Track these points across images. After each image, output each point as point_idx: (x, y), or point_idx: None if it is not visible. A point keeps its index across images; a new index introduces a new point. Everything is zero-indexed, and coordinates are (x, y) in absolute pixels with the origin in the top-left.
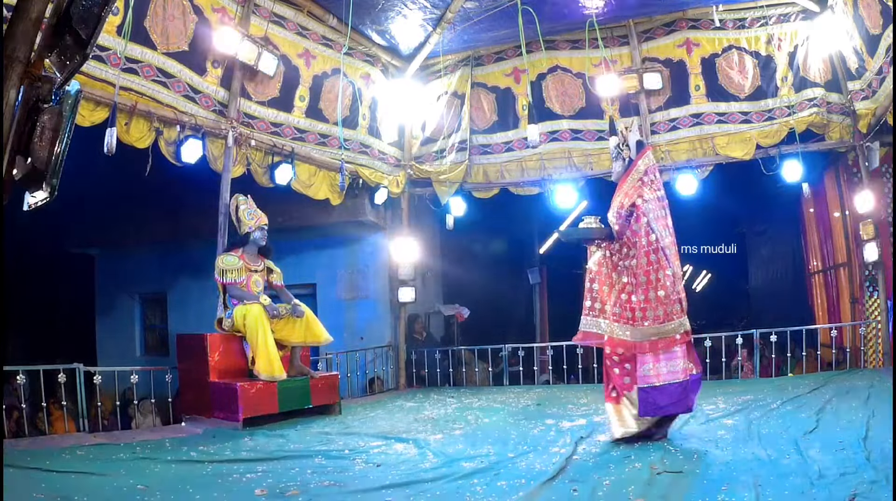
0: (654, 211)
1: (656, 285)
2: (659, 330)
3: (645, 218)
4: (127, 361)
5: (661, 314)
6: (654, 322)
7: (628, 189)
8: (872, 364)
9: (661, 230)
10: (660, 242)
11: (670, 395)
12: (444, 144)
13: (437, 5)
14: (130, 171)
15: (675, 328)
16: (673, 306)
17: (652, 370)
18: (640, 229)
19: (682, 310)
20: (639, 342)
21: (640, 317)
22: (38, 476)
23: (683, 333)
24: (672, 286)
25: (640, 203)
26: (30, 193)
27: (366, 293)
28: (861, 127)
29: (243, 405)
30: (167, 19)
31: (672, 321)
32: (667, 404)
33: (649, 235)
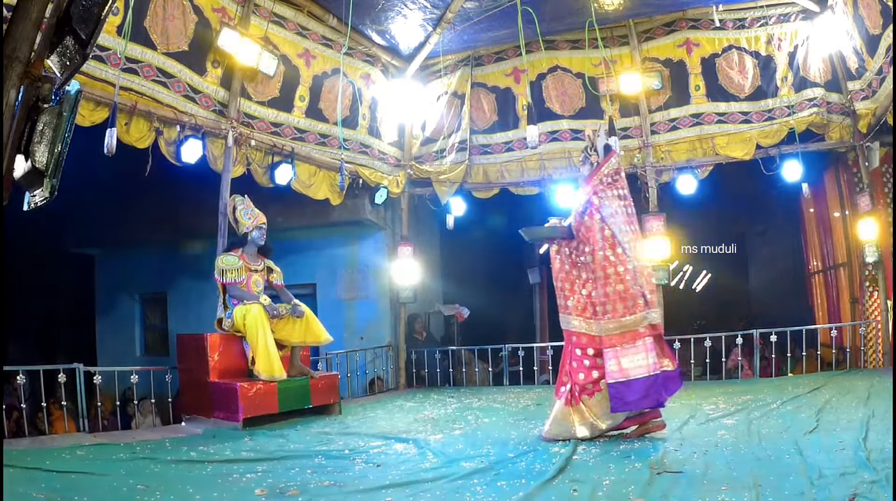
0: (611, 208)
1: (614, 279)
2: (620, 324)
3: (599, 214)
4: (127, 361)
5: (621, 309)
6: (613, 316)
7: (586, 188)
8: (872, 364)
9: (619, 226)
10: (616, 237)
11: (638, 390)
12: (444, 144)
13: (437, 5)
14: (130, 171)
15: (638, 321)
16: (634, 299)
17: (616, 365)
18: (594, 225)
19: (646, 304)
20: (604, 336)
21: (600, 312)
22: (38, 476)
23: (648, 326)
24: (633, 281)
25: (595, 201)
26: (30, 193)
27: (366, 293)
28: (861, 127)
29: (243, 405)
30: (167, 19)
31: (633, 315)
32: (635, 399)
33: (604, 230)
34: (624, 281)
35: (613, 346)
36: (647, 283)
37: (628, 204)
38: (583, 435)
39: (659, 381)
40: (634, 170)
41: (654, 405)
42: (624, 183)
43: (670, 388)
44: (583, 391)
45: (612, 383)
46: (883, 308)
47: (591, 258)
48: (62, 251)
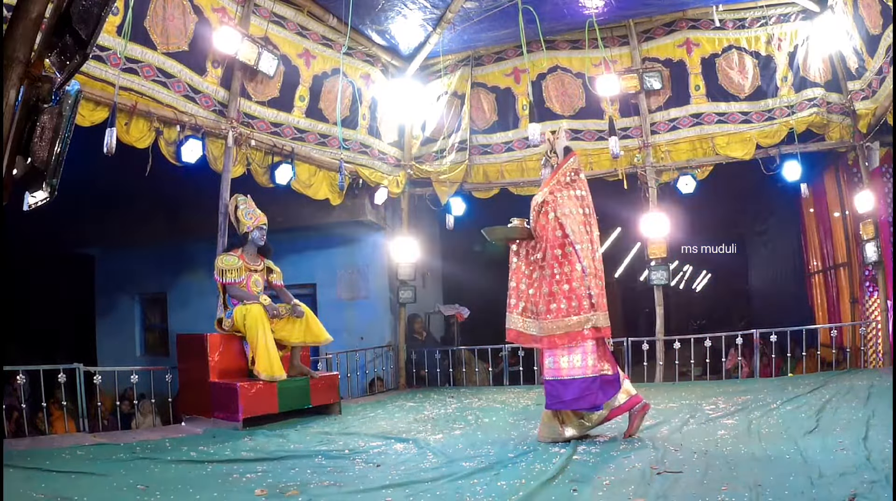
0: (566, 207)
1: (561, 278)
2: (564, 324)
3: (553, 213)
4: (127, 361)
5: (564, 308)
6: (557, 315)
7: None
8: (872, 364)
9: (573, 226)
10: (568, 237)
11: (574, 390)
12: (444, 144)
13: (437, 5)
14: (130, 171)
15: (581, 322)
16: (579, 300)
17: (555, 363)
18: (548, 223)
19: (591, 306)
20: (544, 337)
21: (543, 310)
22: (38, 476)
23: (592, 329)
24: (581, 281)
25: (550, 199)
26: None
27: (366, 293)
28: (861, 127)
29: (243, 405)
30: (167, 19)
31: (577, 316)
32: (571, 399)
33: (556, 230)
34: (571, 281)
35: (558, 346)
36: (595, 285)
37: (586, 204)
38: (570, 435)
39: (596, 384)
40: (634, 170)
41: (588, 407)
42: (583, 184)
43: (608, 392)
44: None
45: (548, 380)
46: (883, 308)
47: (541, 256)
48: (62, 251)
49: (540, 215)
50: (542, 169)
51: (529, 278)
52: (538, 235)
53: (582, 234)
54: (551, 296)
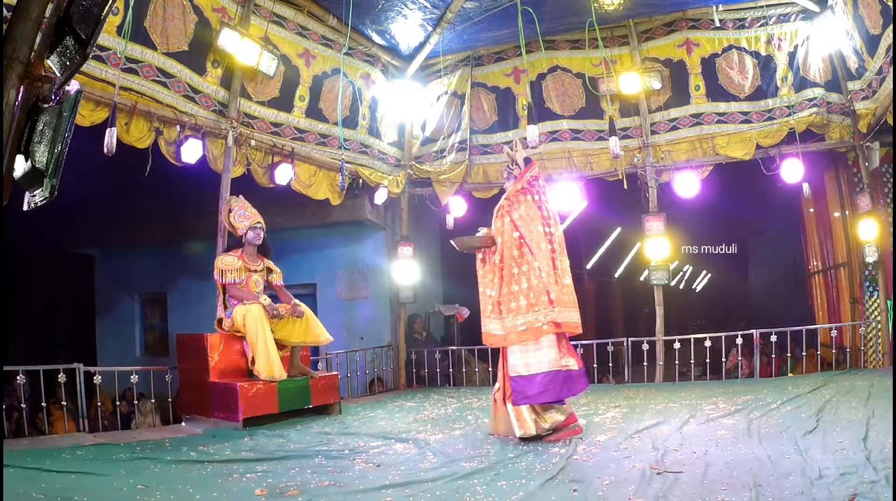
0: (521, 210)
1: (520, 277)
2: (523, 320)
3: (508, 216)
4: (127, 361)
5: (524, 305)
6: (517, 313)
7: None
8: (872, 364)
9: (529, 228)
10: (524, 238)
11: (538, 384)
12: (444, 144)
13: (437, 5)
14: (130, 171)
15: (540, 318)
16: (538, 297)
17: (519, 359)
18: (504, 226)
19: (550, 302)
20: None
21: (504, 310)
22: (38, 476)
23: (552, 323)
24: (538, 279)
25: (506, 204)
26: (30, 193)
27: (366, 293)
28: (861, 127)
29: (243, 405)
30: (167, 19)
31: (537, 312)
32: (535, 393)
33: (512, 232)
34: (529, 279)
35: (518, 342)
36: (554, 283)
37: (544, 207)
38: (521, 434)
39: (560, 378)
40: (634, 170)
41: (553, 400)
42: (541, 188)
43: (573, 387)
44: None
45: (513, 376)
46: (883, 308)
47: (499, 258)
48: (62, 251)
49: (496, 219)
50: (505, 181)
51: (491, 282)
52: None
53: (538, 234)
54: (511, 295)
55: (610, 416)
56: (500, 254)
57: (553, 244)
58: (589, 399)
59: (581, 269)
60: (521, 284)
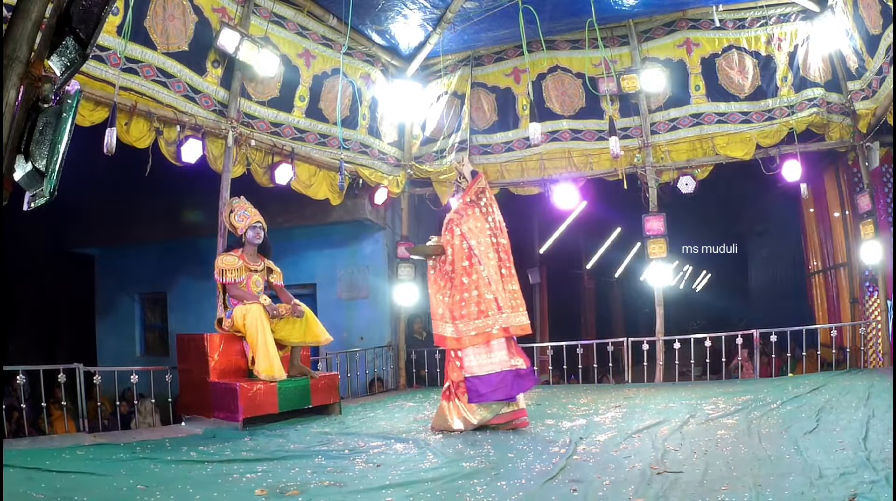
0: (470, 223)
1: (470, 285)
2: (475, 326)
3: (458, 229)
4: (127, 361)
5: (475, 312)
6: (468, 320)
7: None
8: (872, 364)
9: (477, 238)
10: (473, 250)
11: (490, 384)
12: (444, 144)
13: (437, 5)
14: (130, 171)
15: (490, 323)
16: (488, 304)
17: (473, 361)
18: (454, 238)
19: (499, 309)
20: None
21: (457, 316)
22: (38, 476)
23: (501, 329)
24: (487, 287)
25: (455, 217)
26: (30, 193)
27: (366, 293)
28: (861, 127)
29: (243, 405)
30: (167, 19)
31: (487, 318)
32: (487, 392)
33: (462, 243)
34: (478, 287)
35: (470, 346)
36: (502, 290)
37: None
38: (458, 428)
39: (510, 377)
40: (634, 170)
41: (504, 398)
42: (488, 200)
43: (524, 385)
44: (457, 389)
45: (468, 377)
46: (883, 308)
47: (451, 268)
48: (62, 251)
49: (446, 231)
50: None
51: (443, 289)
52: (446, 250)
53: (487, 246)
54: (462, 302)
55: (610, 416)
56: (452, 264)
57: (500, 253)
58: (589, 399)
59: (581, 269)
60: (471, 292)
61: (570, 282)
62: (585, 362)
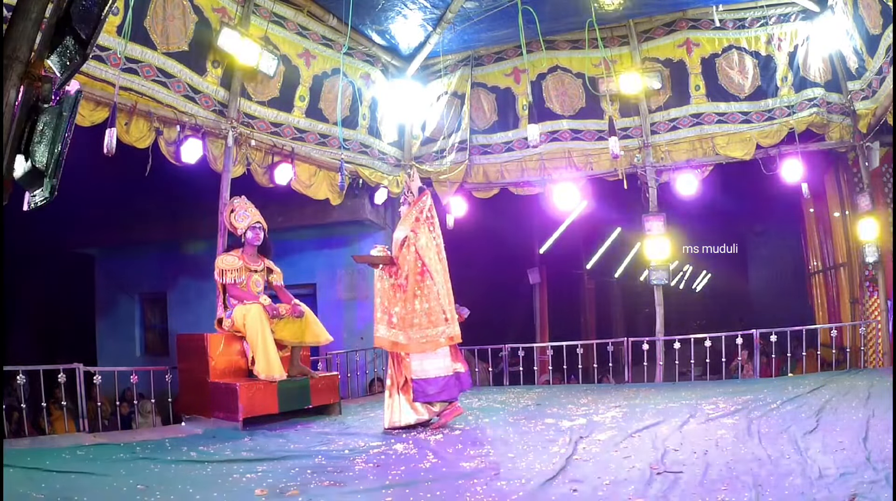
0: (423, 240)
1: (421, 298)
2: (424, 334)
3: (413, 246)
4: (127, 361)
5: (425, 322)
6: (419, 329)
7: (405, 224)
8: (872, 364)
9: (430, 256)
10: (426, 266)
11: (436, 386)
12: (444, 144)
13: (437, 5)
14: (130, 171)
15: (439, 333)
16: (437, 316)
17: (420, 366)
18: (410, 254)
19: (446, 320)
20: (412, 343)
21: (408, 324)
22: (38, 476)
23: (448, 337)
24: (437, 301)
25: (412, 235)
26: (30, 193)
27: (366, 293)
28: (861, 127)
29: (243, 405)
30: (167, 19)
31: (436, 328)
32: (434, 393)
33: (417, 260)
34: (430, 301)
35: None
36: (448, 304)
37: (437, 236)
38: (406, 422)
39: (452, 380)
40: (634, 170)
41: (448, 398)
42: (435, 219)
43: (463, 385)
44: (402, 387)
45: (415, 379)
46: (883, 308)
47: (405, 281)
48: (62, 251)
49: (403, 247)
50: (400, 206)
51: (394, 298)
52: (400, 264)
53: (436, 262)
54: (414, 312)
55: (610, 416)
56: (406, 278)
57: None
58: (589, 399)
59: (581, 269)
60: (422, 304)
61: (570, 282)
62: (585, 362)
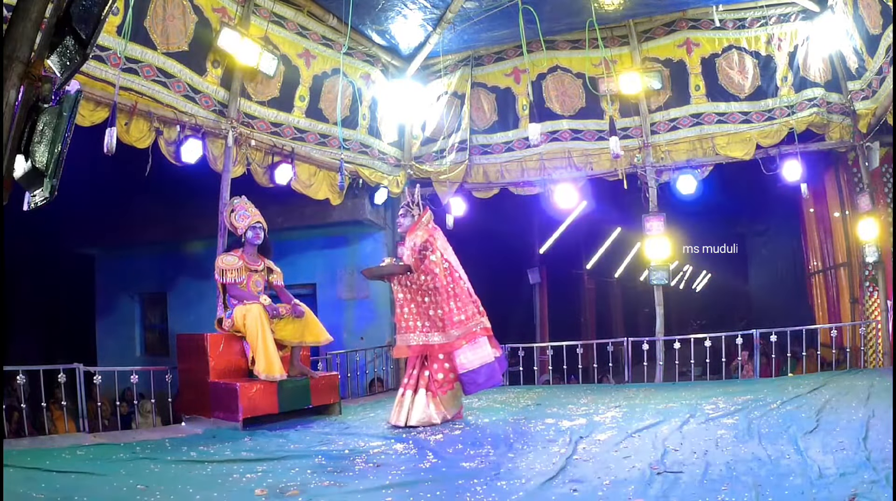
0: (440, 242)
1: (455, 296)
2: (465, 329)
3: (438, 251)
4: (127, 361)
5: (463, 318)
6: (458, 326)
7: (419, 232)
8: (872, 364)
9: (452, 257)
10: (453, 265)
11: (484, 374)
12: (444, 144)
13: (437, 5)
14: (130, 171)
15: (475, 325)
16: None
17: (466, 358)
18: (437, 257)
19: (478, 312)
20: (453, 341)
21: (448, 323)
22: (38, 476)
23: (483, 329)
24: (468, 296)
25: (431, 240)
26: (30, 193)
27: (366, 293)
28: (861, 127)
29: (243, 405)
30: (167, 19)
31: (472, 321)
32: (484, 381)
33: (443, 262)
34: (461, 298)
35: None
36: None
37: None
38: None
39: (495, 364)
40: (634, 170)
41: (494, 384)
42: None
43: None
44: (440, 388)
45: (462, 373)
46: (883, 308)
47: (433, 285)
48: (62, 251)
49: (425, 253)
50: (401, 218)
51: (423, 304)
52: (426, 270)
53: (458, 263)
54: (451, 311)
55: (610, 416)
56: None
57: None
58: (589, 399)
59: (581, 269)
60: (457, 302)
61: (570, 282)
62: (585, 362)
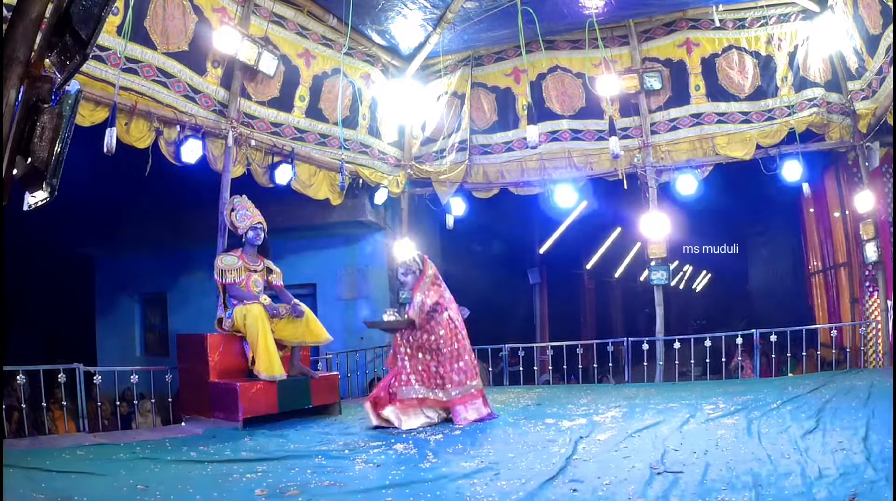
0: (451, 304)
1: (458, 357)
2: (462, 389)
3: (447, 312)
4: (127, 361)
5: (464, 378)
6: (458, 385)
7: (426, 290)
8: (872, 364)
9: (458, 317)
10: (458, 326)
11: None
12: (444, 144)
13: (437, 5)
14: (130, 171)
15: (473, 386)
16: (472, 371)
17: (463, 415)
18: (444, 319)
19: (475, 374)
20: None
21: (448, 382)
22: (38, 476)
23: (478, 390)
24: (470, 359)
25: (442, 301)
26: (30, 193)
27: (366, 293)
28: (861, 127)
29: (243, 405)
30: (167, 19)
31: (473, 382)
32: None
33: (450, 323)
34: (464, 358)
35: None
36: (473, 360)
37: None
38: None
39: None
40: (634, 170)
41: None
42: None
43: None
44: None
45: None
46: (883, 308)
47: (437, 344)
48: (62, 251)
49: (435, 312)
50: (402, 277)
51: (425, 360)
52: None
53: (462, 324)
54: (452, 371)
55: (610, 416)
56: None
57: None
58: (589, 399)
59: (581, 269)
60: (459, 362)
61: (570, 282)
62: (585, 362)
